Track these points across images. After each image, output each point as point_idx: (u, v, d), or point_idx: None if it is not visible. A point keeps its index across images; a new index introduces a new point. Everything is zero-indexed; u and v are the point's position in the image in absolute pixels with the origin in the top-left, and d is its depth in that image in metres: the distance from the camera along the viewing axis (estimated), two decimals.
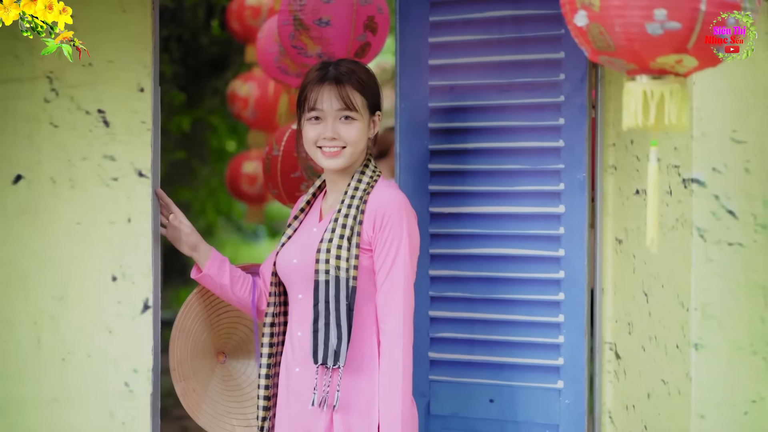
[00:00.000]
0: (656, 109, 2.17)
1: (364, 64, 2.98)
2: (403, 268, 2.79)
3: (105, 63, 3.06)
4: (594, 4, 2.11)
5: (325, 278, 2.78)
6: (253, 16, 5.98)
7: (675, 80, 2.17)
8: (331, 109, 2.85)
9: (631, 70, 2.18)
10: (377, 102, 2.93)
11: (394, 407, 2.75)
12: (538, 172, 3.25)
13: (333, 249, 2.78)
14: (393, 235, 2.80)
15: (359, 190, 2.85)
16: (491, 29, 3.30)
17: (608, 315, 3.19)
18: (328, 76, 2.87)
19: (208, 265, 3.04)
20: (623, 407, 3.11)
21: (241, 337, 3.22)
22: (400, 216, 2.81)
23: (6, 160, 3.07)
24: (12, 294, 3.08)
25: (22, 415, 3.07)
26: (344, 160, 2.87)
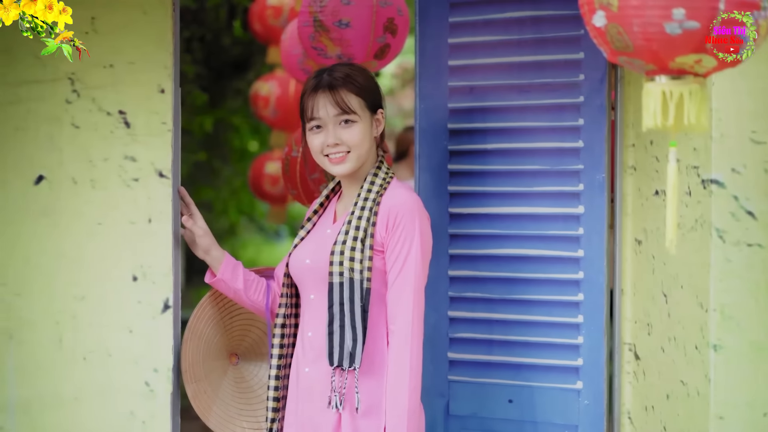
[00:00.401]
0: (675, 109, 2.16)
1: (359, 66, 2.99)
2: (414, 268, 2.80)
3: (126, 64, 3.08)
4: (612, 4, 2.11)
5: (339, 280, 2.79)
6: (274, 15, 5.98)
7: (694, 80, 2.16)
8: (329, 116, 2.86)
9: (651, 71, 2.18)
10: (377, 100, 2.94)
11: (401, 407, 2.75)
12: (557, 172, 3.25)
13: (347, 251, 2.79)
14: (405, 235, 2.80)
15: (372, 192, 2.86)
16: (511, 30, 3.30)
17: (627, 316, 3.18)
18: (322, 83, 2.88)
19: (221, 269, 3.05)
20: (642, 408, 3.11)
21: (254, 339, 3.24)
22: (413, 216, 2.82)
23: (28, 161, 3.10)
24: (34, 294, 3.11)
25: (43, 414, 3.10)
26: (351, 164, 2.88)
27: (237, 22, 7.57)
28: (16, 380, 3.10)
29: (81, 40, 3.01)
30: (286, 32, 5.07)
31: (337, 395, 2.79)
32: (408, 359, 2.77)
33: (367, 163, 2.92)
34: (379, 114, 2.94)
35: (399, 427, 2.74)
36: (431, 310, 3.38)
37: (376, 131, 2.94)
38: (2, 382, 3.10)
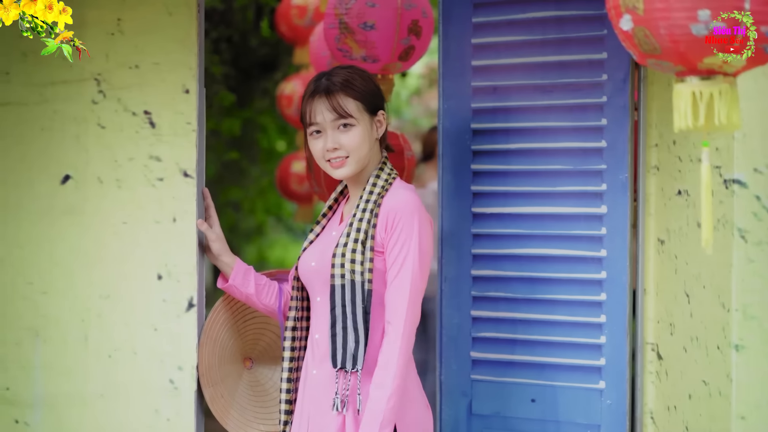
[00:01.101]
0: (705, 109, 2.16)
1: (359, 69, 2.98)
2: (411, 268, 2.78)
3: (151, 65, 3.11)
4: (638, 7, 2.11)
5: (341, 282, 2.80)
6: (299, 15, 5.99)
7: (724, 80, 2.16)
8: (327, 121, 2.87)
9: (680, 72, 2.18)
10: (377, 103, 2.93)
11: (380, 404, 2.73)
12: (580, 172, 3.25)
13: (348, 253, 2.80)
14: (404, 236, 2.79)
15: (374, 194, 2.86)
16: (534, 30, 3.31)
17: (650, 315, 3.18)
18: (319, 88, 2.89)
19: (232, 275, 3.07)
20: (665, 408, 3.11)
21: (267, 343, 3.25)
22: (412, 217, 2.81)
23: (54, 161, 3.14)
24: (60, 292, 3.14)
25: (69, 411, 3.14)
26: (350, 168, 2.88)
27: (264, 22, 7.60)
28: (42, 377, 3.14)
29: (107, 41, 3.09)
30: (315, 33, 5.10)
31: (338, 397, 2.80)
32: (396, 361, 2.75)
33: (370, 164, 2.93)
34: (380, 115, 2.94)
35: (373, 423, 2.72)
36: (454, 309, 3.40)
37: (377, 133, 2.93)
38: (28, 379, 3.14)
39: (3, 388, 3.15)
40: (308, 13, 5.91)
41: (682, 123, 2.18)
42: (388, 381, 2.74)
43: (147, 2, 3.10)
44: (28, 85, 3.14)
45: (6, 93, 3.15)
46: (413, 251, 2.79)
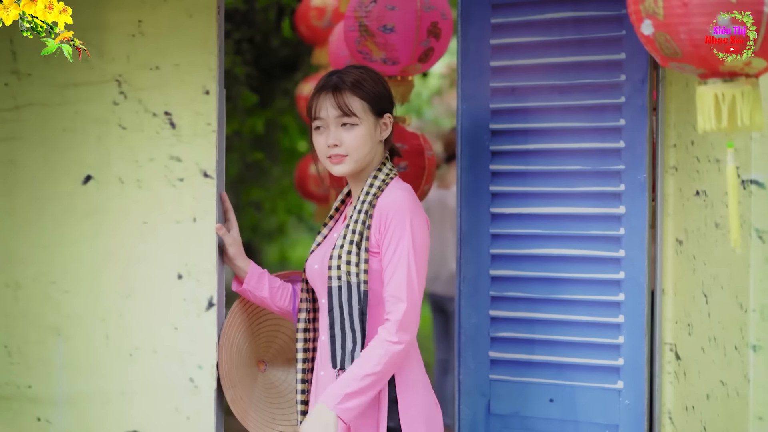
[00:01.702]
0: (728, 111, 2.17)
1: (371, 70, 2.97)
2: (407, 267, 2.77)
3: (172, 66, 3.13)
4: (658, 13, 2.12)
5: (337, 284, 2.81)
6: (317, 17, 6.01)
7: (746, 81, 2.17)
8: (330, 117, 2.87)
9: (703, 74, 2.19)
10: (384, 105, 2.92)
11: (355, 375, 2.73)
12: (598, 173, 3.26)
13: (344, 255, 2.80)
14: (397, 236, 2.79)
15: (369, 194, 2.86)
16: (552, 31, 3.32)
17: (668, 316, 3.18)
18: (328, 85, 2.89)
19: (246, 279, 3.09)
20: (683, 408, 3.11)
21: (280, 344, 3.27)
22: (404, 217, 2.80)
23: (76, 161, 3.17)
24: (81, 291, 3.17)
25: (90, 409, 3.16)
26: (348, 166, 2.88)
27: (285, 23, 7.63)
28: (64, 376, 3.17)
29: (128, 42, 3.11)
30: (334, 34, 5.11)
31: None
32: (385, 352, 2.74)
33: (371, 165, 2.92)
34: (386, 118, 2.92)
35: (338, 388, 2.73)
36: (472, 309, 3.41)
37: (380, 135, 2.92)
38: (50, 377, 3.17)
39: (25, 386, 3.18)
40: (327, 14, 5.92)
41: (705, 125, 2.19)
42: (371, 363, 2.73)
43: (167, 4, 3.12)
44: (51, 87, 3.17)
45: (28, 94, 3.18)
46: (407, 250, 2.78)
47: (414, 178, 3.76)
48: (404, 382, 2.83)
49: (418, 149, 3.78)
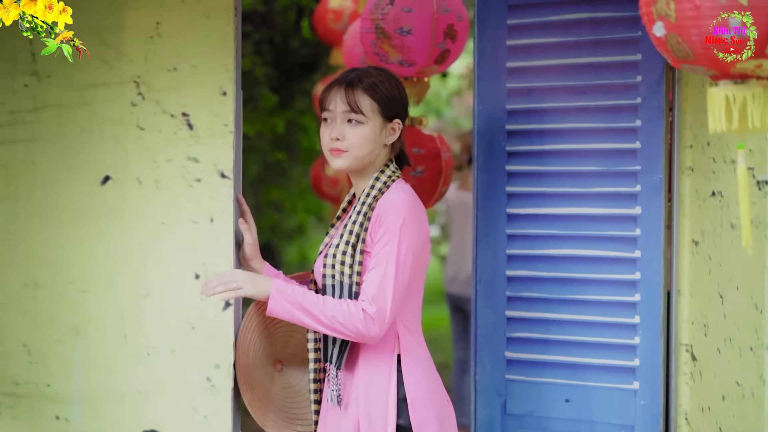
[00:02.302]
0: (739, 112, 2.18)
1: (392, 75, 2.96)
2: (384, 267, 2.77)
3: (189, 68, 3.15)
4: (670, 15, 2.13)
5: (331, 282, 2.84)
6: (335, 19, 6.02)
7: (758, 84, 2.17)
8: (338, 111, 2.88)
9: (714, 76, 2.20)
10: (395, 110, 2.91)
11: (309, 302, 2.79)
12: (614, 173, 3.26)
13: (338, 255, 2.83)
14: (387, 236, 2.79)
15: (369, 197, 2.87)
16: (568, 32, 3.32)
17: (685, 316, 3.19)
18: (343, 80, 2.90)
19: None
20: (699, 409, 3.11)
21: (296, 344, 3.27)
22: (396, 217, 2.79)
23: (95, 162, 3.19)
24: (100, 291, 3.20)
25: (108, 407, 3.19)
26: (345, 161, 2.89)
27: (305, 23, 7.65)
28: (82, 374, 3.19)
29: (146, 44, 3.13)
30: (348, 33, 5.12)
31: (334, 391, 2.87)
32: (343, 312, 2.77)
33: (372, 167, 2.92)
34: (395, 124, 2.91)
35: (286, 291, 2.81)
36: (489, 309, 3.42)
37: (386, 139, 2.91)
38: (69, 376, 3.19)
39: (44, 384, 3.21)
40: (344, 17, 5.92)
41: (716, 126, 2.19)
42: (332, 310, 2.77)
43: (185, 6, 3.14)
44: (69, 88, 3.20)
45: (47, 95, 3.21)
46: (392, 252, 2.77)
47: (431, 181, 3.78)
48: (413, 381, 2.84)
49: (434, 152, 3.79)
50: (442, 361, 8.73)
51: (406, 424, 2.81)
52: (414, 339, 2.88)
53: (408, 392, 2.82)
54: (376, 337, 2.77)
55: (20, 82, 3.21)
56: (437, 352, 9.61)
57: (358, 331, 2.76)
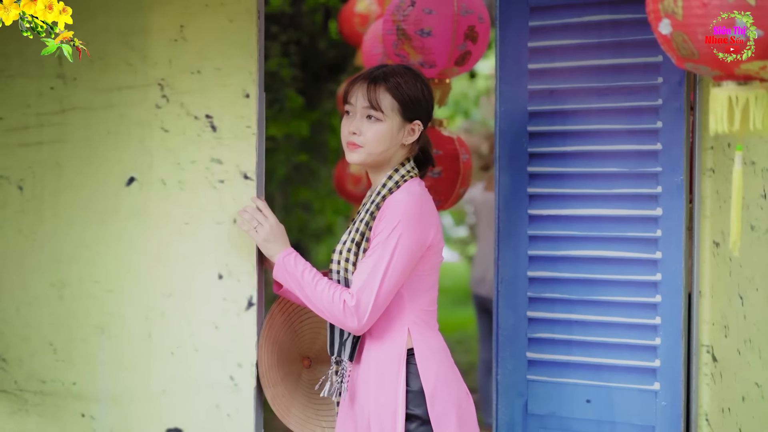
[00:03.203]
0: (741, 114, 2.18)
1: (420, 76, 2.98)
2: (374, 262, 2.81)
3: (213, 70, 3.19)
4: (677, 12, 2.13)
5: (337, 278, 2.92)
6: (361, 23, 6.03)
7: (761, 86, 2.17)
8: (359, 105, 2.91)
9: (717, 76, 2.20)
10: (417, 112, 2.92)
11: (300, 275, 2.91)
12: (635, 175, 3.27)
13: (344, 252, 2.90)
14: (383, 235, 2.82)
15: (379, 196, 2.90)
16: (590, 34, 3.33)
17: (706, 318, 3.19)
18: (368, 75, 2.93)
19: None
20: (719, 410, 3.11)
21: (324, 341, 3.30)
22: (394, 218, 2.81)
23: (120, 163, 3.23)
24: (125, 290, 3.24)
25: (133, 405, 3.23)
26: (359, 156, 2.92)
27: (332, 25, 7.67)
28: (107, 373, 3.24)
29: (170, 47, 3.17)
30: (368, 33, 5.15)
31: (341, 384, 2.94)
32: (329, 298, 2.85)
33: (387, 165, 2.94)
34: (415, 125, 2.93)
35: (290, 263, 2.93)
36: (510, 310, 3.43)
37: (404, 139, 2.93)
38: (94, 374, 3.24)
39: (70, 382, 3.25)
40: (370, 21, 5.93)
41: (717, 127, 2.20)
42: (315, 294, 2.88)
43: (209, 9, 3.18)
44: (95, 91, 3.24)
45: (74, 98, 3.25)
46: (386, 250, 2.80)
47: (448, 182, 3.79)
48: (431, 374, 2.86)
49: (453, 154, 3.81)
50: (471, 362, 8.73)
51: (424, 416, 2.83)
52: (427, 334, 2.91)
53: (425, 386, 2.84)
54: (356, 329, 2.84)
55: (47, 85, 3.26)
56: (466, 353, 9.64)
57: (336, 319, 2.86)
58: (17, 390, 3.28)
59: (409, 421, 2.83)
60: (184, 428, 3.20)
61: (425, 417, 2.83)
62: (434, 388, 2.85)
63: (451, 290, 13.31)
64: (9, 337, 3.28)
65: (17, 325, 3.28)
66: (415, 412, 2.84)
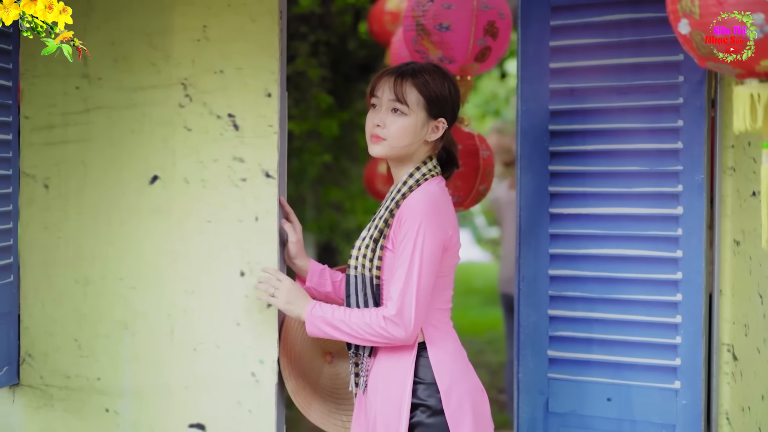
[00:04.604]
0: (764, 111, 2.18)
1: (448, 74, 3.00)
2: (406, 269, 2.83)
3: (235, 70, 3.22)
4: (695, 12, 2.14)
5: (354, 274, 2.94)
6: (392, 21, 6.04)
7: None
8: (384, 98, 2.94)
9: (740, 74, 2.20)
10: (442, 109, 2.95)
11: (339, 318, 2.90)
12: (656, 173, 3.27)
13: (363, 248, 2.93)
14: (408, 238, 2.84)
15: (399, 194, 2.93)
16: (610, 33, 3.33)
17: (726, 316, 3.18)
18: (396, 70, 2.96)
19: (308, 277, 3.17)
20: (740, 409, 3.11)
21: None
22: (415, 220, 2.84)
23: (143, 162, 3.27)
24: (148, 288, 3.28)
25: (155, 401, 3.27)
26: (382, 149, 2.94)
27: (362, 25, 7.69)
28: (130, 369, 3.28)
29: (193, 47, 3.21)
30: (397, 35, 5.17)
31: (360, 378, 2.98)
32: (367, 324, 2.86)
33: (410, 161, 2.97)
34: (439, 122, 2.95)
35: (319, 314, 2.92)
36: (531, 308, 3.44)
37: (427, 135, 2.95)
38: (118, 370, 3.28)
39: (94, 378, 3.30)
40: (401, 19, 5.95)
41: (740, 125, 2.20)
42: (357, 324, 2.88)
43: (231, 9, 3.21)
44: (119, 90, 3.28)
45: (98, 97, 3.30)
46: (413, 255, 2.83)
47: (468, 179, 3.80)
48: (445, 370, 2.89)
49: (472, 150, 3.82)
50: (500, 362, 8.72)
51: (436, 406, 2.86)
52: (440, 331, 2.94)
53: (440, 381, 2.87)
54: (404, 337, 2.85)
55: (72, 85, 3.31)
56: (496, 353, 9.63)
57: (382, 336, 2.86)
58: (43, 385, 3.33)
59: (420, 411, 2.86)
60: (206, 424, 3.24)
61: (437, 407, 2.85)
62: (450, 382, 2.87)
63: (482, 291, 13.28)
64: (34, 333, 3.33)
65: (42, 321, 3.33)
66: (427, 402, 2.86)
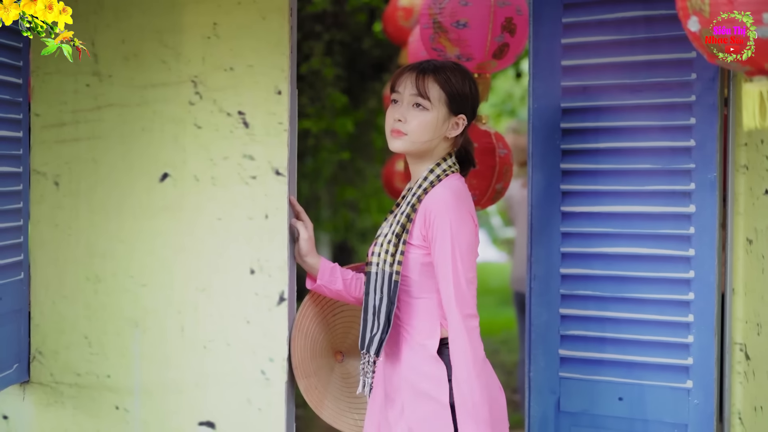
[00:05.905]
0: None
1: (468, 73, 3.02)
2: (452, 265, 2.83)
3: (245, 67, 3.22)
4: (704, 10, 2.13)
5: (375, 270, 2.92)
6: (405, 17, 6.03)
7: None
8: (406, 94, 2.93)
9: (750, 71, 2.19)
10: (462, 105, 2.96)
11: (467, 401, 2.81)
12: (669, 171, 3.25)
13: (385, 244, 2.91)
14: (439, 235, 2.85)
15: (421, 189, 2.92)
16: (623, 30, 3.31)
17: (739, 315, 3.16)
18: (418, 66, 2.96)
19: (319, 275, 3.15)
20: (752, 408, 3.08)
21: (356, 336, 3.32)
22: (443, 216, 2.85)
23: (154, 160, 3.28)
24: (158, 285, 3.28)
25: (165, 398, 3.27)
26: (403, 144, 2.94)
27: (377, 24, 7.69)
28: (140, 366, 3.28)
29: (203, 44, 3.21)
30: (413, 35, 5.15)
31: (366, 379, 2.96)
32: (464, 354, 2.82)
33: (430, 157, 2.97)
34: (459, 119, 2.96)
35: (470, 415, 2.80)
36: (543, 307, 3.43)
37: (448, 131, 2.96)
38: (128, 367, 3.28)
39: (104, 375, 3.30)
40: (414, 14, 5.92)
41: (750, 122, 2.19)
42: (464, 374, 2.81)
43: (242, 7, 3.21)
44: (130, 88, 3.29)
45: (109, 95, 3.30)
46: (449, 248, 2.84)
47: (484, 177, 3.78)
48: None
49: (488, 147, 3.80)
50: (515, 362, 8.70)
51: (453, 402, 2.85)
52: None
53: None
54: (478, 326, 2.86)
55: (83, 82, 3.31)
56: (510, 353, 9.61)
57: (474, 339, 2.84)
58: (53, 382, 3.34)
59: None
60: (216, 422, 3.24)
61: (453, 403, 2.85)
62: None
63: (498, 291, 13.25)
64: (45, 330, 3.34)
65: (53, 319, 3.33)
66: None
